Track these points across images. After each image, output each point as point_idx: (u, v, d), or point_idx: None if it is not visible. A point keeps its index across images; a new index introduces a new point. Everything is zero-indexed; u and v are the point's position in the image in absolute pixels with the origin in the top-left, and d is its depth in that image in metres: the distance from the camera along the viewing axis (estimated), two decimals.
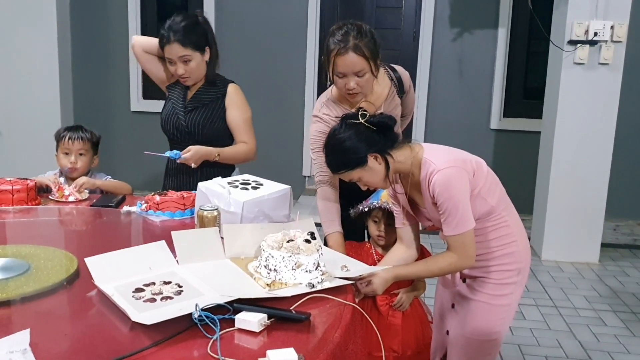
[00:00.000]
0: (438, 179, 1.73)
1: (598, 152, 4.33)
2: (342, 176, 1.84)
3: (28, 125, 5.05)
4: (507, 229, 1.88)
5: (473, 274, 1.92)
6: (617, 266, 4.41)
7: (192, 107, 2.57)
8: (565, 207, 4.42)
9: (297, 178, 5.70)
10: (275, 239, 1.67)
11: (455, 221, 1.75)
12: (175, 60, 2.48)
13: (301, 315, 1.40)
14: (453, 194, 1.73)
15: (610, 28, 4.12)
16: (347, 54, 2.07)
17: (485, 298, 1.91)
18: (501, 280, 1.90)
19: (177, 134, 2.60)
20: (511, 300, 1.93)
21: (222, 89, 2.58)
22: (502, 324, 1.95)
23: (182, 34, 2.45)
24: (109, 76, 5.71)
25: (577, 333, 3.33)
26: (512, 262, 1.90)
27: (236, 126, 2.57)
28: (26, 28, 4.97)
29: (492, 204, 1.83)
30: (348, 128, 1.79)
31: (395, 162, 1.81)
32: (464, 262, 1.81)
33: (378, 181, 1.83)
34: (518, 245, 1.91)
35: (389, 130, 1.81)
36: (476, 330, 1.93)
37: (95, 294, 1.52)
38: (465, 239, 1.77)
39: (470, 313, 1.94)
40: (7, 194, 2.32)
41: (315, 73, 5.61)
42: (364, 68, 2.10)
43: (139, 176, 5.24)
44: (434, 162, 1.77)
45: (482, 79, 5.44)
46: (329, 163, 1.85)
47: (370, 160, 1.78)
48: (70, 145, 2.63)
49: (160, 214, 2.23)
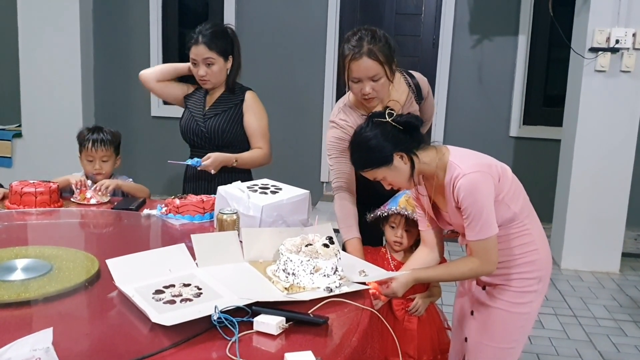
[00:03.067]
0: (463, 183, 1.72)
1: (619, 161, 4.28)
2: (367, 174, 1.83)
3: (50, 128, 5.13)
4: (529, 237, 1.87)
5: (494, 281, 1.91)
6: (638, 276, 4.35)
7: (212, 114, 2.63)
8: (586, 216, 4.37)
9: (315, 184, 5.71)
10: (294, 243, 1.68)
11: (479, 226, 1.74)
12: (199, 61, 2.56)
13: (319, 319, 1.40)
14: (478, 199, 1.72)
15: (632, 35, 4.08)
16: (362, 59, 2.07)
17: (504, 306, 1.89)
18: (522, 288, 1.88)
19: (197, 140, 2.66)
20: (531, 309, 1.91)
21: (240, 96, 2.65)
22: (522, 332, 1.93)
23: (209, 37, 2.53)
24: (130, 81, 5.77)
25: (597, 343, 3.29)
26: (533, 270, 1.88)
27: (253, 132, 2.63)
28: (49, 34, 5.06)
29: (515, 210, 1.82)
30: (375, 126, 1.78)
31: (421, 162, 1.79)
32: (485, 267, 1.79)
33: (402, 181, 1.82)
34: (540, 254, 1.89)
35: (415, 130, 1.80)
36: (495, 337, 1.92)
37: (116, 295, 1.54)
38: (488, 245, 1.76)
39: (489, 320, 1.93)
40: (31, 196, 2.36)
41: (334, 79, 5.62)
42: (378, 73, 2.10)
43: (158, 181, 5.30)
44: (459, 165, 1.75)
45: (501, 86, 5.41)
46: (354, 161, 1.85)
47: (396, 159, 1.77)
48: (93, 153, 2.67)
49: (180, 217, 2.25)
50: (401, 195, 2.16)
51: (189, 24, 5.85)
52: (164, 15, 5.70)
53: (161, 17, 5.69)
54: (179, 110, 2.82)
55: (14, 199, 2.37)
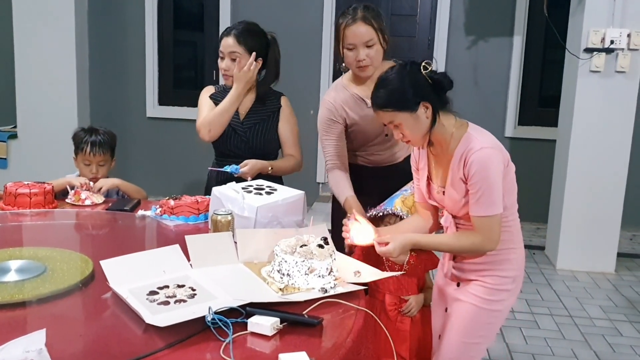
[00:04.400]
0: (480, 155, 1.72)
1: (614, 161, 4.29)
2: (384, 115, 1.79)
3: (46, 129, 5.12)
4: (509, 235, 1.86)
5: (468, 277, 1.90)
6: (633, 276, 4.36)
7: (250, 123, 2.56)
8: (581, 216, 4.38)
9: (311, 184, 5.71)
10: (289, 244, 1.67)
11: (489, 202, 1.73)
12: (225, 54, 2.50)
13: (313, 320, 1.40)
14: (491, 174, 1.72)
15: (627, 36, 4.10)
16: (356, 24, 2.20)
17: (475, 301, 1.88)
18: (495, 285, 1.87)
19: (236, 150, 2.57)
20: (502, 307, 1.90)
21: (276, 103, 2.61)
22: (489, 329, 1.92)
23: (240, 32, 2.49)
24: (125, 82, 5.77)
25: (593, 343, 3.29)
26: (508, 268, 1.88)
27: (286, 139, 2.61)
28: (44, 34, 5.05)
29: (506, 203, 1.81)
30: (409, 72, 1.77)
31: (440, 124, 1.79)
32: (487, 244, 1.79)
33: (418, 135, 1.80)
34: (516, 253, 1.90)
35: (443, 90, 1.80)
36: (460, 330, 1.90)
37: (110, 296, 1.54)
38: (493, 222, 1.76)
39: (458, 314, 1.91)
40: (25, 197, 2.35)
41: (329, 80, 5.62)
42: (372, 38, 2.20)
43: (154, 182, 5.28)
44: (478, 138, 1.76)
45: (497, 87, 5.42)
46: (377, 96, 1.80)
47: (420, 108, 1.76)
48: (91, 158, 2.67)
49: (174, 218, 2.25)
50: (397, 196, 2.17)
51: (185, 25, 5.86)
52: (159, 16, 5.70)
53: (156, 18, 5.68)
54: (175, 111, 2.82)
55: (8, 200, 2.36)
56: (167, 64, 5.77)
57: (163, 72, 5.75)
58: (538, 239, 5.04)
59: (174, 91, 5.73)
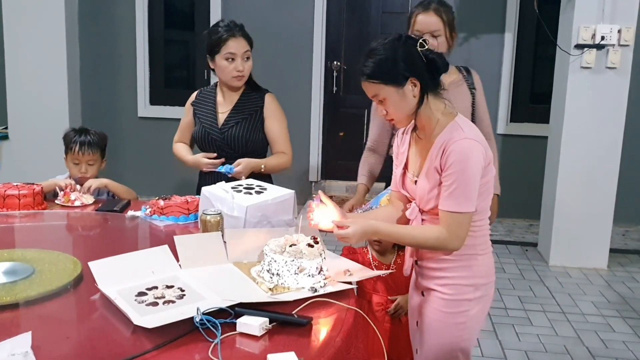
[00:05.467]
0: (461, 145, 1.61)
1: (606, 157, 4.30)
2: (370, 87, 1.68)
3: (36, 130, 5.09)
4: (472, 240, 1.72)
5: (429, 285, 1.79)
6: (626, 272, 4.38)
7: (233, 122, 2.55)
8: (573, 212, 4.39)
9: (304, 184, 5.71)
10: (278, 244, 1.67)
11: (462, 196, 1.62)
12: (238, 55, 2.48)
13: (302, 320, 1.40)
14: (468, 168, 1.61)
15: (618, 32, 4.10)
16: (428, 13, 2.33)
17: (438, 315, 1.77)
18: (455, 295, 1.75)
19: (218, 151, 2.57)
20: (467, 319, 1.76)
21: (258, 102, 2.58)
22: (458, 342, 1.78)
23: (244, 31, 2.51)
24: (116, 82, 5.75)
25: (585, 339, 3.30)
26: (467, 276, 1.74)
27: (275, 137, 2.59)
28: (34, 34, 5.02)
29: (477, 207, 1.68)
30: (404, 44, 1.66)
31: (427, 106, 1.68)
32: (452, 242, 1.66)
33: (402, 113, 1.69)
34: (477, 260, 1.75)
35: (437, 72, 1.69)
36: (432, 347, 1.80)
37: (99, 298, 1.53)
38: (463, 220, 1.64)
39: (425, 328, 1.81)
40: (14, 199, 2.34)
41: (321, 79, 5.61)
42: (440, 29, 2.33)
43: (146, 182, 5.26)
44: (463, 129, 1.66)
45: (488, 84, 5.36)
46: (365, 64, 1.67)
47: (408, 85, 1.65)
48: (80, 156, 2.66)
49: (164, 218, 2.24)
50: (384, 194, 2.16)
51: (175, 24, 5.84)
52: (149, 16, 5.67)
53: (147, 17, 5.66)
54: (166, 110, 2.81)
55: None
56: (158, 64, 5.75)
57: (154, 71, 5.73)
58: (530, 235, 5.05)
59: (166, 91, 5.71)
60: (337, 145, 5.83)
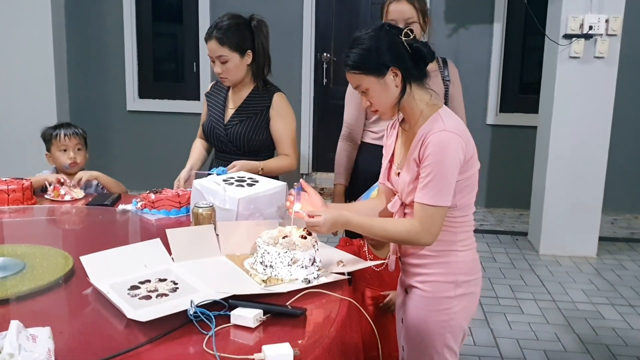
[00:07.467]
0: (439, 137, 1.58)
1: (595, 146, 4.33)
2: (353, 78, 1.67)
3: (24, 125, 5.05)
4: (451, 235, 1.69)
5: (410, 282, 1.76)
6: (615, 260, 4.42)
7: (237, 120, 2.51)
8: (563, 202, 4.42)
9: (295, 176, 5.70)
10: (271, 235, 1.67)
11: (437, 189, 1.58)
12: (214, 58, 2.45)
13: (296, 311, 1.40)
14: (445, 160, 1.58)
15: (605, 22, 4.12)
16: (400, 1, 2.34)
17: (419, 313, 1.74)
18: (435, 293, 1.71)
19: (222, 146, 2.55)
20: (449, 317, 1.71)
21: (267, 100, 2.51)
22: (442, 339, 1.73)
23: (222, 32, 2.40)
24: (104, 76, 5.70)
25: (576, 326, 3.33)
26: (446, 273, 1.71)
27: (280, 138, 2.52)
28: (21, 28, 4.98)
29: (455, 202, 1.65)
30: (386, 33, 1.64)
31: (411, 97, 1.66)
32: (424, 236, 1.62)
33: (385, 104, 1.67)
34: (457, 256, 1.71)
35: (422, 62, 1.66)
36: (416, 345, 1.77)
37: (91, 292, 1.52)
38: (437, 214, 1.60)
39: (409, 326, 1.78)
40: (3, 194, 2.32)
41: (311, 71, 5.60)
42: (413, 16, 2.33)
43: (136, 176, 5.24)
44: (444, 121, 1.62)
45: (478, 75, 5.43)
46: (348, 55, 1.66)
47: (389, 74, 1.62)
48: (67, 142, 2.64)
49: (155, 212, 2.23)
50: (374, 188, 2.15)
51: (163, 19, 5.80)
52: (137, 10, 5.62)
53: (135, 12, 5.61)
54: (155, 104, 2.79)
55: None
56: (146, 57, 5.70)
57: (143, 65, 5.69)
58: (521, 225, 5.08)
59: (154, 84, 5.66)
60: (327, 138, 5.82)
